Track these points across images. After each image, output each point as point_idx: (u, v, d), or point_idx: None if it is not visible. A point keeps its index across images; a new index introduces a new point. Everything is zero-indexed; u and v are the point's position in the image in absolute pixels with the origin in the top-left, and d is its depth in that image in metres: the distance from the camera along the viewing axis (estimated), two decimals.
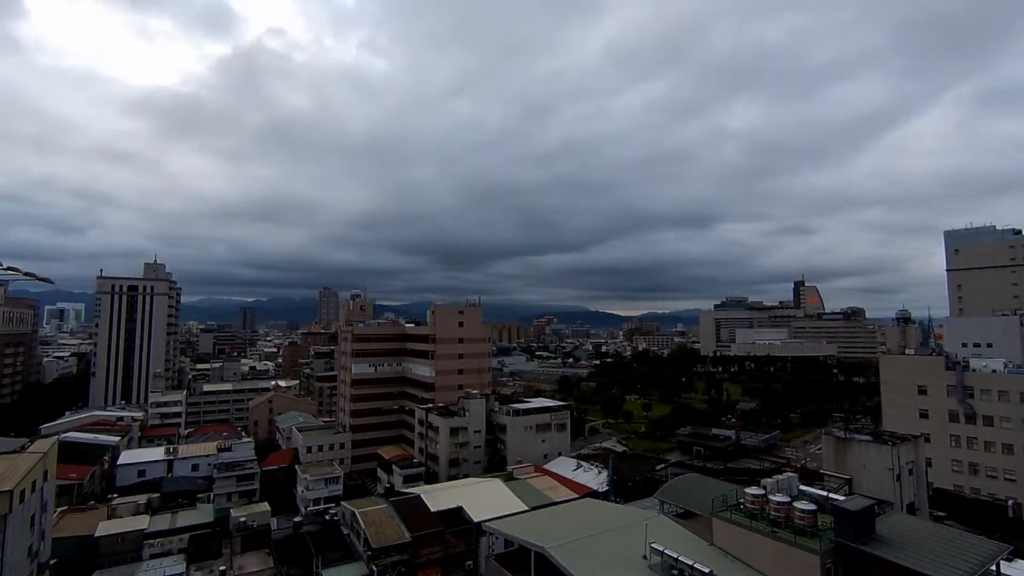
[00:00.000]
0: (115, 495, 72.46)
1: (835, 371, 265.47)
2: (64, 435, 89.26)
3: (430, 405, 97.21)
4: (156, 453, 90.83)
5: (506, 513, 55.58)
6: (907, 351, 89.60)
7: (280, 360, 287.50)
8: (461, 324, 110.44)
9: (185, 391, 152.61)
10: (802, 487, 42.58)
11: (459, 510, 60.51)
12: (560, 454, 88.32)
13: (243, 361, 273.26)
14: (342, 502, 66.00)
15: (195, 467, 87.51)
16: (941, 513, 58.40)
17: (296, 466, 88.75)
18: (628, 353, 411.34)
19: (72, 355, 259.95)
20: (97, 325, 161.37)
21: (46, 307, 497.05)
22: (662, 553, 34.08)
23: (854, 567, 32.84)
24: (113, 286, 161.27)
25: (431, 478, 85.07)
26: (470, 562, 57.71)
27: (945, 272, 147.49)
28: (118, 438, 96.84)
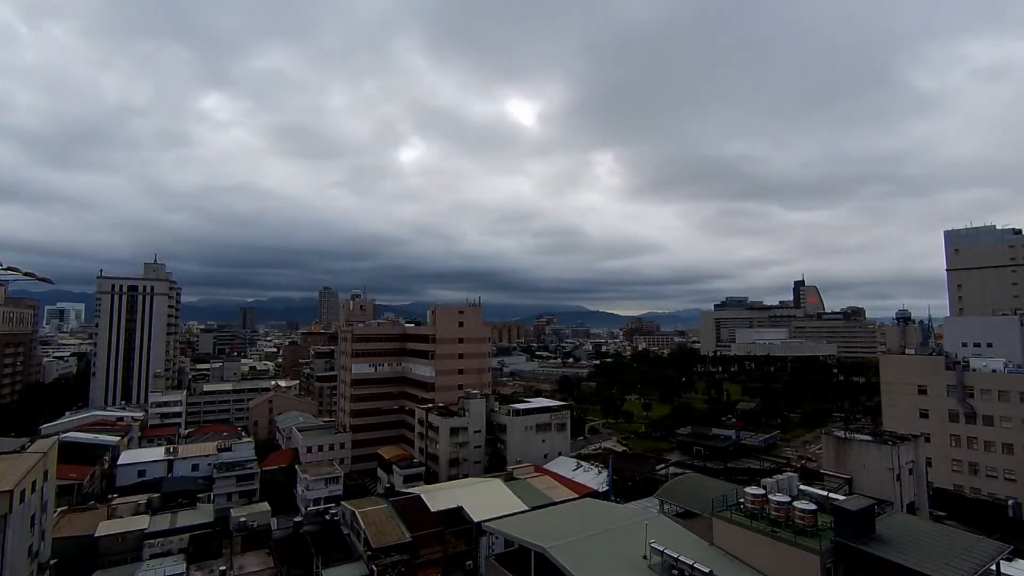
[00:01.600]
0: (115, 495, 72.47)
1: (835, 371, 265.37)
2: (64, 435, 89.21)
3: (430, 405, 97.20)
4: (156, 453, 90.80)
5: (506, 513, 55.54)
6: (907, 351, 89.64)
7: (280, 360, 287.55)
8: (461, 324, 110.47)
9: (185, 391, 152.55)
10: (802, 487, 42.58)
11: (459, 510, 60.50)
12: (560, 454, 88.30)
13: (243, 361, 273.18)
14: (342, 502, 66.00)
15: (195, 467, 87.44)
16: (941, 513, 58.41)
17: (296, 466, 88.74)
18: (628, 353, 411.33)
19: (72, 355, 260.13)
20: (97, 325, 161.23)
21: (46, 307, 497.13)
22: (662, 553, 34.08)
23: (854, 567, 32.84)
24: (113, 286, 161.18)
25: (431, 478, 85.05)
26: (470, 562, 57.71)
27: (945, 272, 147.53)
28: (118, 438, 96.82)
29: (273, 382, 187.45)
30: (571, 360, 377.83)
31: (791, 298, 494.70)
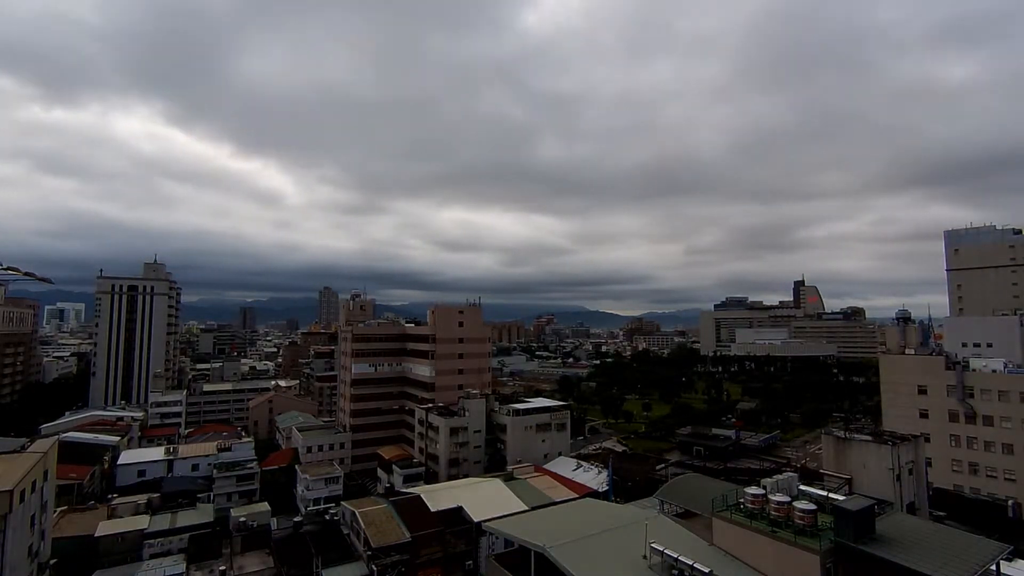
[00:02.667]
0: (115, 495, 72.49)
1: (835, 371, 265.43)
2: (64, 435, 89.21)
3: (430, 405, 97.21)
4: (156, 453, 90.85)
5: (506, 513, 55.63)
6: (907, 351, 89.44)
7: (280, 360, 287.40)
8: (461, 324, 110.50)
9: (185, 391, 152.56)
10: (802, 487, 42.55)
11: (459, 510, 60.52)
12: (560, 454, 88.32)
13: (243, 361, 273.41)
14: (342, 502, 66.05)
15: (195, 467, 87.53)
16: (941, 513, 58.33)
17: (296, 466, 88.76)
18: (628, 353, 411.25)
19: (72, 355, 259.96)
20: (97, 325, 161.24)
21: (46, 307, 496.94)
22: (662, 553, 34.11)
23: (854, 567, 32.84)
24: (113, 286, 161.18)
25: (431, 478, 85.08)
26: (470, 562, 57.73)
27: (945, 272, 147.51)
28: (118, 438, 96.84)
29: (273, 382, 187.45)
30: (571, 360, 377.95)
31: (790, 298, 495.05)
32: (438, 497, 63.39)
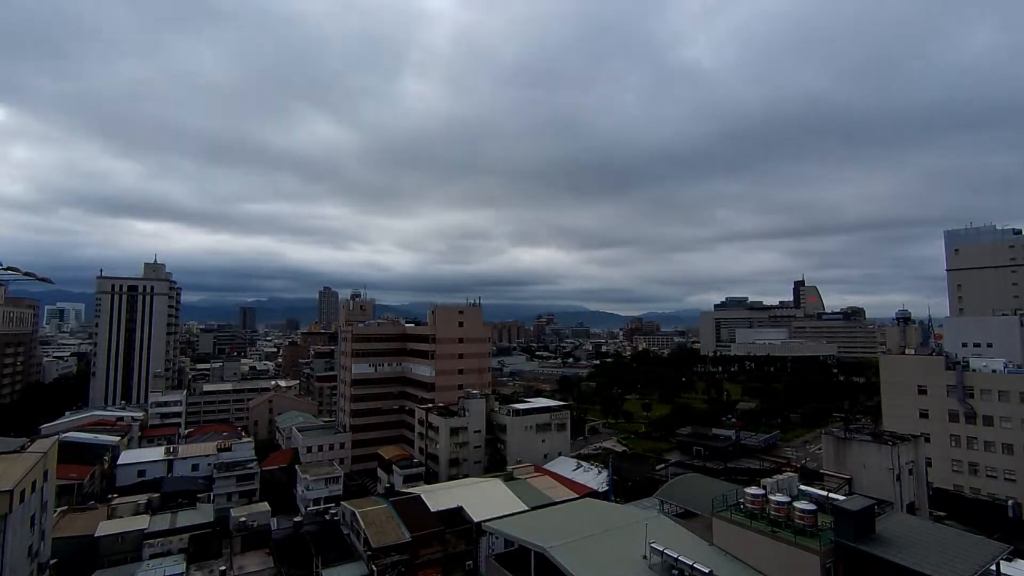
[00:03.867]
0: (115, 495, 72.43)
1: (835, 371, 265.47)
2: (64, 435, 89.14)
3: (430, 405, 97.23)
4: (156, 453, 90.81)
5: (506, 513, 55.62)
6: (907, 351, 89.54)
7: (280, 360, 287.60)
8: (461, 324, 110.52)
9: (185, 391, 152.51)
10: (802, 487, 42.63)
11: (459, 510, 60.53)
12: (560, 454, 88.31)
13: (243, 361, 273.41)
14: (342, 502, 66.02)
15: (195, 467, 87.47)
16: (941, 513, 58.37)
17: (296, 466, 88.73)
18: (628, 353, 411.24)
19: (72, 355, 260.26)
20: (97, 325, 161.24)
21: (46, 307, 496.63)
22: (662, 553, 34.11)
23: (854, 567, 32.85)
24: (113, 286, 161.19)
25: (431, 478, 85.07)
26: (470, 562, 57.73)
27: (945, 272, 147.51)
28: (118, 438, 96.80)
29: (273, 382, 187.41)
30: (571, 360, 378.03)
31: (790, 298, 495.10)
32: (438, 497, 63.40)
